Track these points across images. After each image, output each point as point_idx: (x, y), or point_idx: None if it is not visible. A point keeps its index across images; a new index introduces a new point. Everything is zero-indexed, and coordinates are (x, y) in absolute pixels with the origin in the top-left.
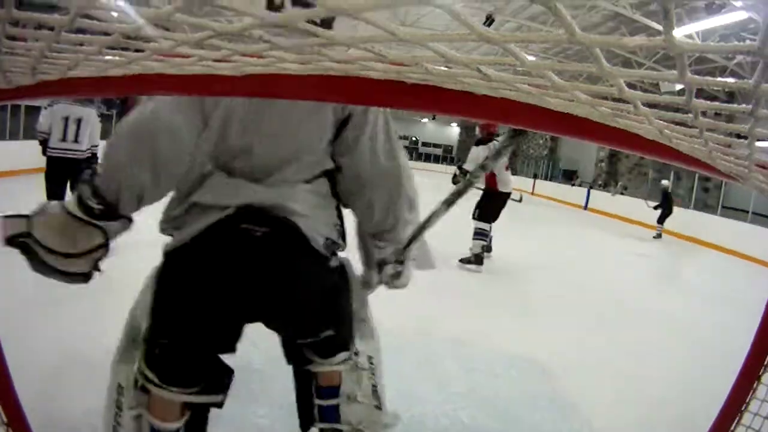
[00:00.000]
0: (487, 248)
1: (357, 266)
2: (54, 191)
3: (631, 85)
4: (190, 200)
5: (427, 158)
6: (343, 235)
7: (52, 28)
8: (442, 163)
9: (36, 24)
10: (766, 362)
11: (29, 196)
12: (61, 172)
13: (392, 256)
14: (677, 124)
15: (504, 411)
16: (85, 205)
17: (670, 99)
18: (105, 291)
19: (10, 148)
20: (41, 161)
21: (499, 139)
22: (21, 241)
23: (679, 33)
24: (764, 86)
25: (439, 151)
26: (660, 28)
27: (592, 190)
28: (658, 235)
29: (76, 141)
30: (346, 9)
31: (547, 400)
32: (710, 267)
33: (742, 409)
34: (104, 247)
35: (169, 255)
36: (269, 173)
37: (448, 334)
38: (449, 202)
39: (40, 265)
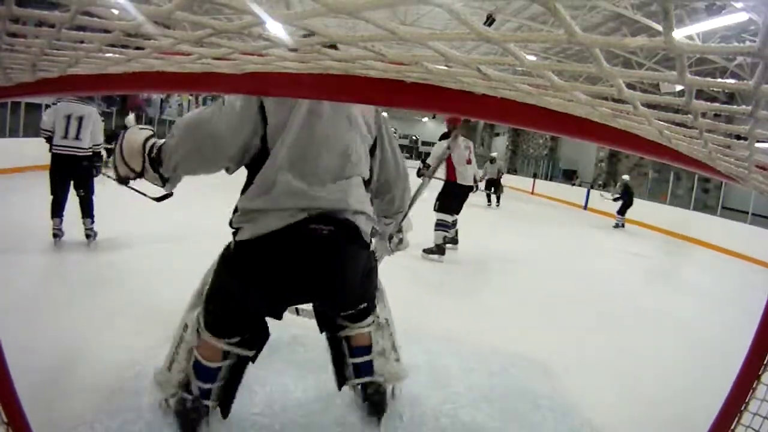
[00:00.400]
0: (453, 240)
1: None
2: (57, 187)
3: (630, 86)
4: (265, 202)
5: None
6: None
7: (52, 26)
8: None
9: (36, 21)
10: (765, 362)
11: (29, 193)
12: (64, 169)
13: (394, 228)
14: (677, 125)
15: (504, 410)
16: (150, 146)
17: (670, 100)
18: (104, 292)
19: (10, 146)
20: (40, 158)
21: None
22: (123, 130)
23: (679, 34)
24: (764, 87)
25: None
26: (661, 28)
27: (591, 190)
28: (619, 225)
29: (77, 138)
30: (347, 8)
31: (546, 399)
32: (710, 267)
33: (742, 408)
34: (136, 174)
35: (246, 243)
36: (333, 174)
37: (447, 333)
38: (429, 176)
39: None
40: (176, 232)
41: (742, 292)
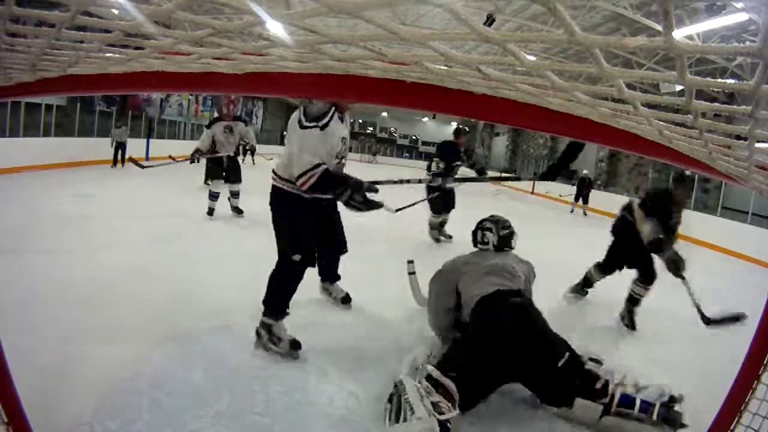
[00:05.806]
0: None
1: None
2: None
3: (630, 86)
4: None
5: (428, 157)
6: None
7: (52, 26)
8: None
9: (36, 21)
10: (765, 362)
11: (28, 192)
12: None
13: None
14: (677, 124)
15: (504, 410)
16: None
17: (670, 100)
18: (104, 292)
19: (10, 145)
20: (40, 158)
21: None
22: None
23: (679, 34)
24: (764, 87)
25: None
26: (661, 28)
27: (592, 190)
28: (573, 211)
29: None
30: (347, 7)
31: None
32: (710, 267)
33: (742, 408)
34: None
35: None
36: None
37: None
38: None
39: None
40: (177, 234)
41: (742, 292)
